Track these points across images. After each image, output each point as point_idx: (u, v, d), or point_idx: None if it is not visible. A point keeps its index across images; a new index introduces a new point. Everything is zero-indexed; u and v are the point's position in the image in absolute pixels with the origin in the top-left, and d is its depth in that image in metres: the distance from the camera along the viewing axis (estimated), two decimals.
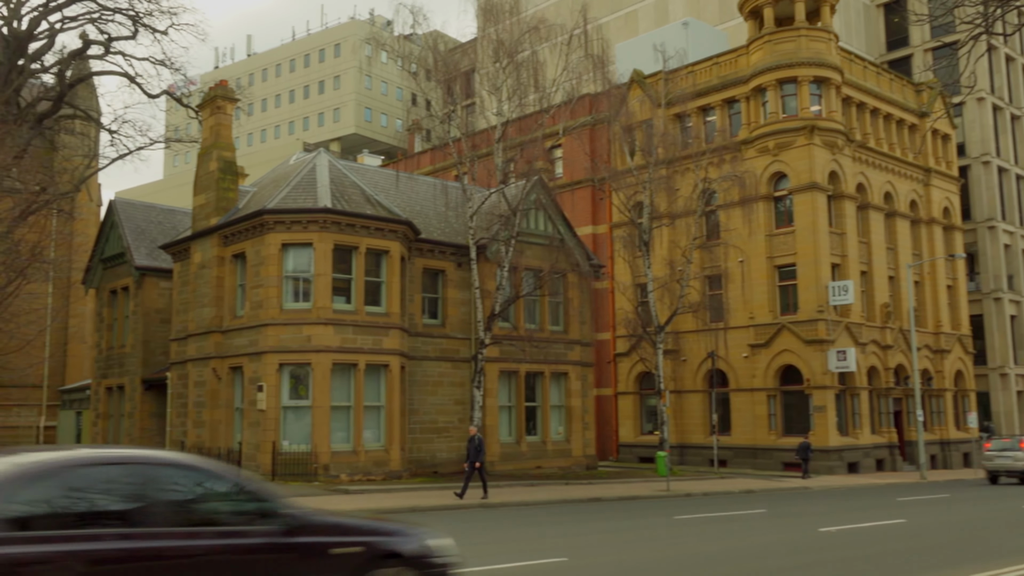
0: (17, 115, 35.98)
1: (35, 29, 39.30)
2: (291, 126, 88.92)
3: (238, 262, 30.28)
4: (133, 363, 35.61)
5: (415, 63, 35.79)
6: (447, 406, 32.63)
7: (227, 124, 32.27)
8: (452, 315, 33.26)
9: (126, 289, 36.68)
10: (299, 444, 27.67)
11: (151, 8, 40.33)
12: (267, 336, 28.18)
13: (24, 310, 29.19)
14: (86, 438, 39.68)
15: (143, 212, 38.52)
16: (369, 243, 29.28)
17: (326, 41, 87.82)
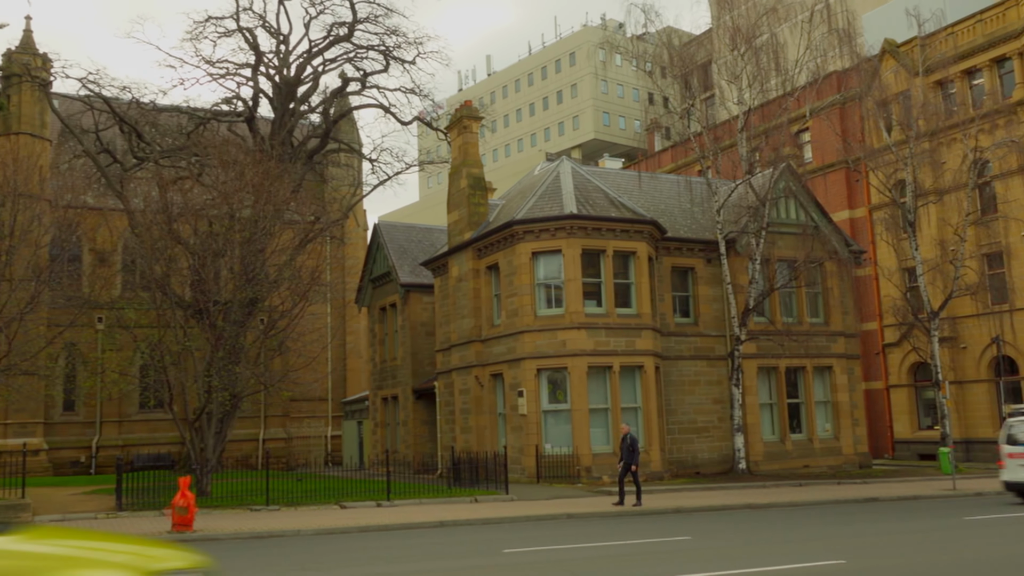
0: (291, 153, 39.77)
1: (301, 74, 43.30)
2: (533, 138, 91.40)
3: (492, 273, 31.51)
4: (404, 374, 38.04)
5: (650, 62, 35.58)
6: (705, 405, 32.03)
7: (474, 142, 33.72)
8: (704, 312, 32.62)
9: (394, 305, 39.29)
10: (560, 447, 28.27)
11: (399, 41, 43.22)
12: (524, 343, 29.07)
13: (308, 329, 32.09)
14: (367, 446, 42.87)
15: (404, 233, 41.09)
16: (616, 245, 29.42)
17: (561, 51, 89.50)
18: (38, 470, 37.35)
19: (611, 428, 28.59)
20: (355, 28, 43.24)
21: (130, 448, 41.45)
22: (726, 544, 15.77)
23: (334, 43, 43.46)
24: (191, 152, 38.16)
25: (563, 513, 21.02)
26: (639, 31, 35.00)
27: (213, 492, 25.16)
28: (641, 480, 27.89)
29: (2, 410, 38.45)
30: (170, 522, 18.44)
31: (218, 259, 26.84)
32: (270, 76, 42.96)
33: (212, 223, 27.06)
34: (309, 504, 23.53)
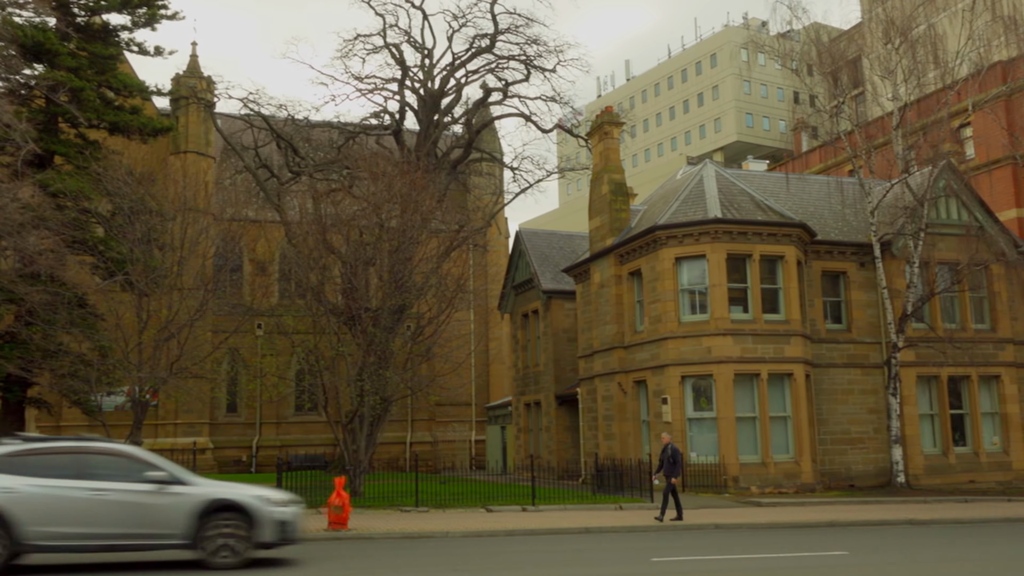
0: (436, 164, 40.79)
1: (445, 87, 44.37)
2: (673, 142, 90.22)
3: (635, 279, 31.30)
4: (546, 380, 38.28)
5: (796, 60, 34.52)
6: (859, 415, 30.70)
7: (615, 148, 33.62)
8: (858, 318, 31.31)
9: (536, 312, 39.63)
10: (706, 456, 27.74)
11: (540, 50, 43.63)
12: (667, 349, 28.72)
13: (453, 336, 32.81)
14: (510, 451, 43.36)
15: (545, 239, 41.39)
16: (762, 250, 28.67)
17: (701, 53, 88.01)
18: (204, 467, 39.70)
19: (759, 437, 27.84)
20: (497, 39, 43.95)
21: (287, 448, 43.47)
22: (887, 561, 15.08)
23: (476, 55, 44.32)
24: (342, 165, 39.75)
25: (710, 523, 20.63)
26: (784, 29, 34.02)
27: (365, 492, 26.06)
28: (792, 492, 27.11)
29: (173, 411, 41.13)
30: (326, 520, 19.21)
31: (368, 267, 27.83)
32: (415, 89, 44.21)
33: (363, 233, 28.08)
34: (456, 507, 24.02)
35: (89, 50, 32.37)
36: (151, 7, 33.50)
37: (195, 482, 14.12)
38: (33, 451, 13.63)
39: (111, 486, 13.38)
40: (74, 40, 31.98)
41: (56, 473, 13.33)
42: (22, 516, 12.82)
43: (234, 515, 13.75)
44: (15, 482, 13.05)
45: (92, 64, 32.27)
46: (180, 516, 13.44)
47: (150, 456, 14.42)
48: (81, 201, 29.81)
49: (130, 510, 13.29)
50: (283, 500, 14.63)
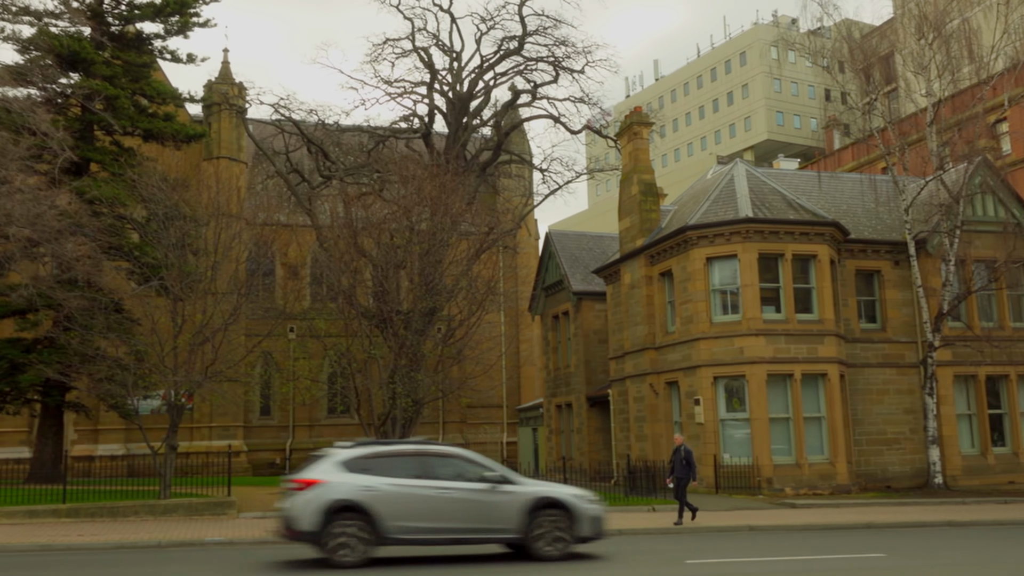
0: (465, 167, 40.90)
1: (474, 89, 44.49)
2: (703, 141, 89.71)
3: (665, 280, 31.16)
4: (577, 382, 38.22)
5: (827, 57, 34.20)
6: (895, 415, 30.34)
7: (644, 148, 33.49)
8: (892, 318, 30.94)
9: (566, 313, 39.57)
10: (739, 457, 27.55)
11: (568, 51, 43.61)
12: (699, 350, 28.56)
13: (485, 338, 32.80)
14: (542, 453, 43.34)
15: (575, 241, 41.33)
16: (795, 249, 28.43)
17: (731, 52, 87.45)
18: (239, 470, 40.07)
19: (793, 438, 27.61)
20: (525, 41, 43.99)
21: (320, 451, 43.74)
22: (927, 564, 14.89)
23: (505, 57, 44.38)
24: (372, 169, 39.99)
25: (744, 525, 20.48)
26: (814, 25, 33.76)
27: None
28: (827, 493, 26.84)
29: (208, 414, 41.57)
30: None
31: (399, 271, 27.95)
32: (444, 93, 44.36)
33: (393, 236, 28.21)
34: None
35: (123, 58, 32.85)
36: (183, 15, 33.94)
37: (522, 481, 15.38)
38: (383, 453, 14.87)
39: (453, 485, 14.63)
40: (109, 49, 32.48)
41: (404, 473, 14.54)
42: (383, 512, 14.06)
43: (558, 511, 14.87)
44: (373, 481, 14.26)
45: (126, 72, 32.75)
46: (513, 512, 14.64)
47: (481, 458, 15.71)
48: (117, 207, 30.27)
49: (470, 507, 14.54)
50: (594, 499, 15.67)
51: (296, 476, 14.61)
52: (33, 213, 23.54)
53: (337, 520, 13.85)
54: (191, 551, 17.05)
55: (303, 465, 15.30)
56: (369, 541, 13.97)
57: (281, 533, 14.55)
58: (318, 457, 14.88)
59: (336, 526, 13.83)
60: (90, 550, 17.11)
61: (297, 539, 14.25)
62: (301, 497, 14.06)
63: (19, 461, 33.58)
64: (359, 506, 13.95)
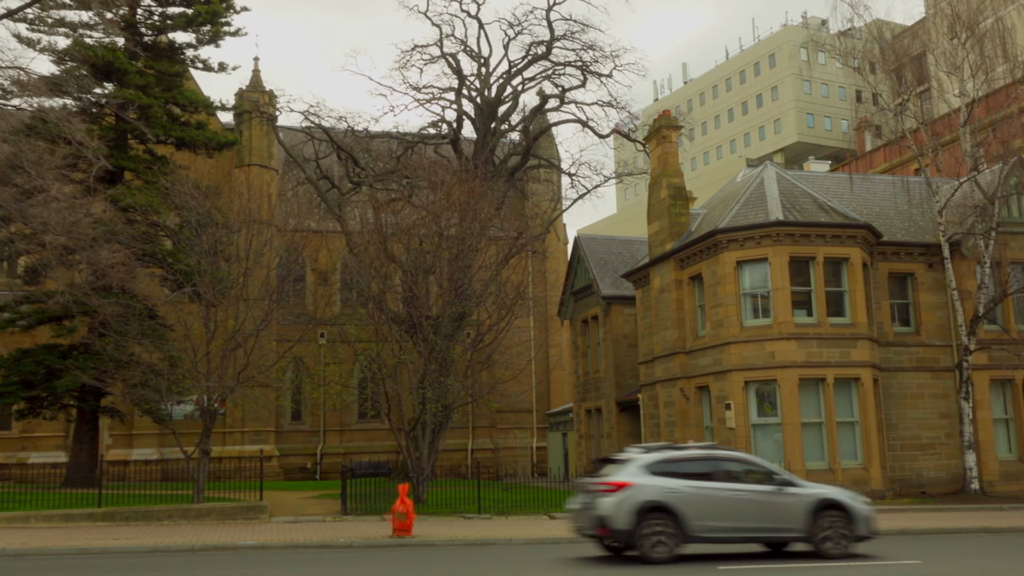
0: (494, 172, 40.99)
1: (502, 94, 44.59)
2: (732, 144, 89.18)
3: (695, 283, 31.00)
4: (607, 386, 38.11)
5: (858, 57, 33.88)
6: (930, 420, 29.93)
7: (673, 152, 33.36)
8: (926, 321, 30.54)
9: (595, 318, 39.49)
10: (772, 462, 27.23)
11: (596, 56, 43.59)
12: (730, 354, 28.38)
13: (514, 343, 32.88)
14: (572, 457, 43.26)
15: (604, 245, 41.24)
16: (826, 252, 28.17)
17: (760, 54, 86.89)
18: (270, 475, 40.40)
19: (826, 444, 27.32)
20: (553, 46, 44.03)
21: (350, 456, 43.96)
22: (963, 571, 14.69)
23: (533, 62, 44.44)
24: (402, 175, 40.19)
25: None
26: (845, 26, 33.45)
27: (428, 499, 26.25)
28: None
29: (240, 419, 41.95)
30: (391, 527, 19.40)
31: (428, 276, 28.08)
32: (472, 98, 44.50)
33: (422, 242, 28.34)
34: (519, 514, 24.04)
35: (156, 68, 33.30)
36: (215, 25, 34.35)
37: (804, 484, 16.47)
38: (678, 458, 16.08)
39: (744, 487, 15.84)
40: (142, 59, 32.95)
41: (698, 476, 15.77)
42: (686, 512, 15.25)
43: (838, 512, 15.82)
44: (674, 484, 15.50)
45: (159, 81, 33.20)
46: (799, 512, 15.67)
47: (765, 462, 16.99)
48: (150, 215, 30.67)
49: (761, 507, 15.68)
50: (867, 500, 16.73)
51: (606, 479, 15.74)
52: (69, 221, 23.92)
53: (648, 519, 15.19)
54: (224, 555, 17.21)
55: (594, 468, 17.03)
56: (676, 538, 15.21)
57: (587, 531, 15.97)
58: (620, 461, 16.15)
59: (647, 525, 15.16)
60: (125, 554, 17.32)
61: (611, 537, 15.57)
62: (614, 498, 15.32)
63: (55, 465, 34.09)
64: (666, 507, 15.24)
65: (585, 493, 16.13)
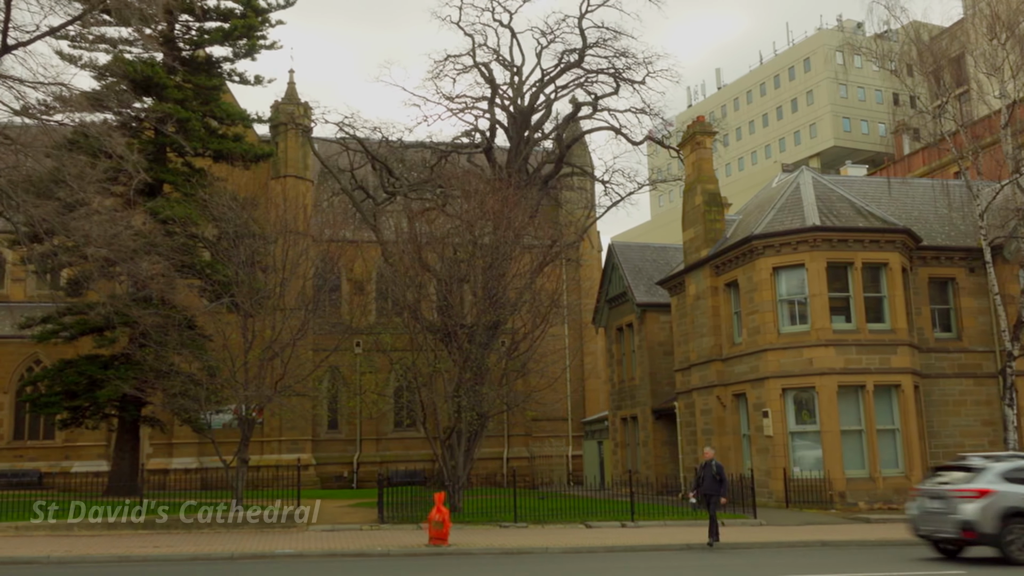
0: (527, 180, 41.02)
1: (535, 103, 44.64)
2: (767, 149, 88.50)
3: (731, 290, 30.77)
4: (643, 394, 37.92)
5: (895, 60, 33.47)
6: (973, 427, 29.39)
7: (707, 158, 33.18)
8: (968, 326, 30.04)
9: (630, 325, 39.33)
10: (810, 471, 26.98)
11: (628, 63, 43.49)
12: (767, 361, 28.11)
13: (549, 351, 32.80)
14: (607, 465, 43.07)
15: (638, 252, 41.09)
16: (864, 257, 27.83)
17: (794, 58, 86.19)
18: (307, 483, 40.69)
19: (866, 451, 26.94)
20: (585, 54, 44.00)
21: (387, 464, 44.15)
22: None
23: (565, 70, 44.44)
24: (435, 184, 40.36)
25: (816, 540, 20.06)
26: (881, 29, 33.07)
27: (464, 508, 26.25)
28: (903, 508, 26.04)
29: (278, 428, 42.31)
30: (427, 535, 19.44)
31: (463, 284, 28.13)
32: (505, 107, 44.59)
33: (457, 250, 28.41)
34: (555, 522, 23.98)
35: (194, 82, 33.83)
36: (251, 39, 34.83)
37: None
38: None
39: None
40: (180, 73, 33.48)
41: None
42: None
43: None
44: None
45: (197, 95, 33.71)
46: None
47: None
48: (189, 227, 31.12)
49: None
50: None
51: (968, 486, 16.48)
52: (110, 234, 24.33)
53: (1012, 524, 15.94)
54: (263, 563, 17.35)
55: (928, 476, 18.46)
56: None
57: (940, 534, 16.83)
58: (974, 468, 16.93)
59: (1011, 530, 15.92)
60: (166, 561, 17.54)
61: (976, 541, 16.20)
62: (978, 504, 16.09)
63: (98, 474, 34.61)
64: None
65: (933, 499, 16.98)
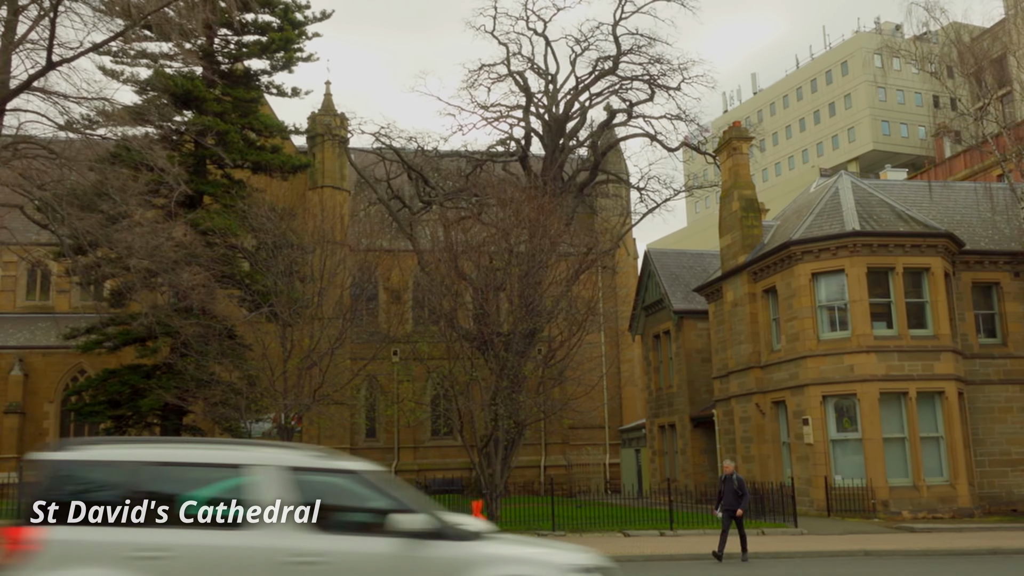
0: (562, 188, 41.01)
1: (569, 110, 44.66)
2: (804, 154, 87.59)
3: (769, 296, 30.48)
4: (680, 402, 37.65)
5: (935, 62, 33.00)
6: (1020, 435, 28.80)
7: (744, 164, 32.95)
8: (1014, 332, 29.46)
9: (667, 333, 39.09)
10: (852, 479, 26.60)
11: (663, 69, 43.34)
12: (807, 368, 27.78)
13: (585, 358, 32.72)
14: (645, 474, 42.78)
15: (674, 259, 40.86)
16: (905, 262, 27.43)
17: (832, 61, 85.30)
18: None
19: (909, 459, 26.51)
20: (619, 61, 43.92)
21: (424, 472, 44.25)
22: None
23: (600, 77, 44.39)
24: (471, 193, 40.46)
25: (859, 550, 19.74)
26: (920, 31, 32.62)
27: (502, 516, 26.24)
28: (947, 517, 25.62)
29: (316, 436, 42.58)
30: None
31: (499, 293, 28.15)
32: (540, 115, 44.63)
33: (492, 259, 28.46)
34: (593, 531, 23.87)
35: (233, 95, 34.30)
36: (288, 51, 35.24)
37: None
38: None
39: None
40: (219, 86, 33.97)
41: None
42: None
43: None
44: None
45: (235, 108, 34.18)
46: None
47: None
48: (228, 238, 31.51)
49: None
50: None
51: None
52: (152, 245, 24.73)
53: None
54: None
55: None
56: None
57: None
58: None
59: None
60: None
61: None
62: None
63: None
64: None
65: None
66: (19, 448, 41.43)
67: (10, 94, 25.05)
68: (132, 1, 23.86)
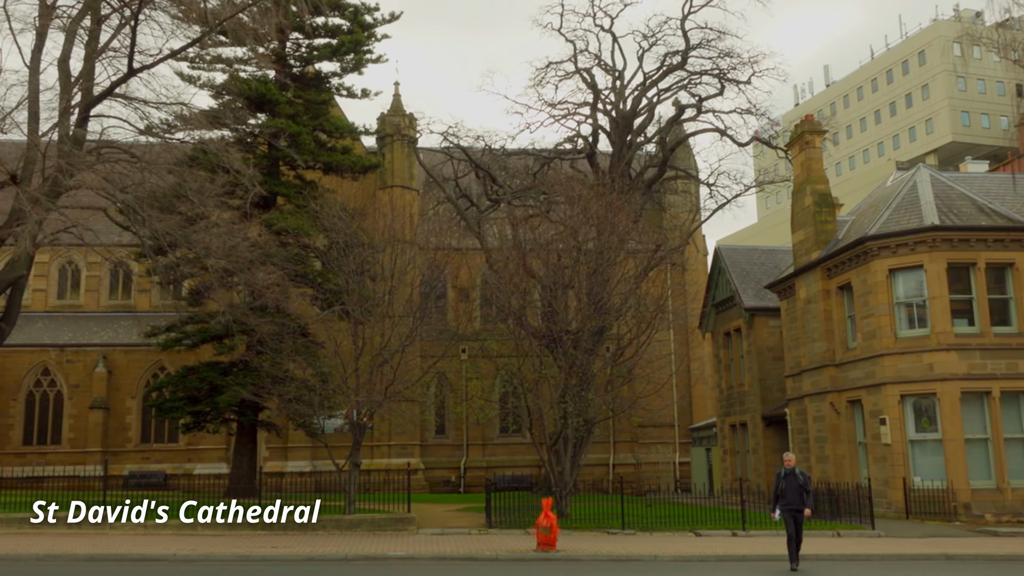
0: (630, 184, 40.75)
1: (637, 107, 44.37)
2: (880, 147, 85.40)
3: (844, 293, 29.82)
4: (752, 401, 37.10)
5: (1018, 50, 31.82)
6: None
7: (817, 158, 32.28)
8: None
9: (738, 330, 38.55)
10: (931, 480, 25.87)
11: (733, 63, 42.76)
12: (883, 367, 27.11)
13: (655, 356, 32.43)
14: (716, 473, 42.29)
15: (745, 255, 40.25)
16: (988, 257, 26.56)
17: (908, 51, 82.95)
18: (416, 487, 41.25)
19: (992, 461, 25.67)
20: (688, 55, 43.46)
21: (492, 470, 44.45)
22: None
23: (668, 72, 43.98)
24: (539, 191, 40.50)
25: (940, 553, 19.21)
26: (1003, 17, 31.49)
27: (571, 514, 26.22)
28: None
29: (387, 433, 43.18)
30: (535, 541, 19.50)
31: (567, 290, 28.12)
32: (607, 112, 44.43)
33: (561, 256, 28.44)
34: (663, 530, 23.69)
35: (304, 97, 34.96)
36: (358, 53, 35.77)
37: None
38: None
39: None
40: (291, 89, 34.67)
41: None
42: None
43: None
44: None
45: (307, 110, 34.84)
46: None
47: None
48: (301, 237, 32.13)
49: None
50: None
51: None
52: (228, 245, 25.38)
53: None
54: (376, 564, 17.72)
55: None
56: None
57: None
58: None
59: None
60: (284, 561, 18.11)
61: None
62: None
63: (218, 476, 36.04)
64: None
65: None
66: (103, 442, 42.95)
67: (94, 100, 26.00)
68: (208, 8, 24.52)
